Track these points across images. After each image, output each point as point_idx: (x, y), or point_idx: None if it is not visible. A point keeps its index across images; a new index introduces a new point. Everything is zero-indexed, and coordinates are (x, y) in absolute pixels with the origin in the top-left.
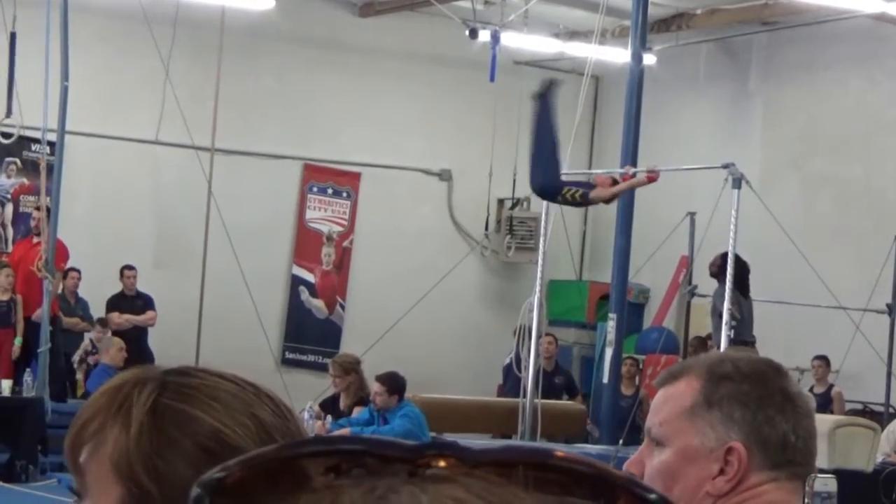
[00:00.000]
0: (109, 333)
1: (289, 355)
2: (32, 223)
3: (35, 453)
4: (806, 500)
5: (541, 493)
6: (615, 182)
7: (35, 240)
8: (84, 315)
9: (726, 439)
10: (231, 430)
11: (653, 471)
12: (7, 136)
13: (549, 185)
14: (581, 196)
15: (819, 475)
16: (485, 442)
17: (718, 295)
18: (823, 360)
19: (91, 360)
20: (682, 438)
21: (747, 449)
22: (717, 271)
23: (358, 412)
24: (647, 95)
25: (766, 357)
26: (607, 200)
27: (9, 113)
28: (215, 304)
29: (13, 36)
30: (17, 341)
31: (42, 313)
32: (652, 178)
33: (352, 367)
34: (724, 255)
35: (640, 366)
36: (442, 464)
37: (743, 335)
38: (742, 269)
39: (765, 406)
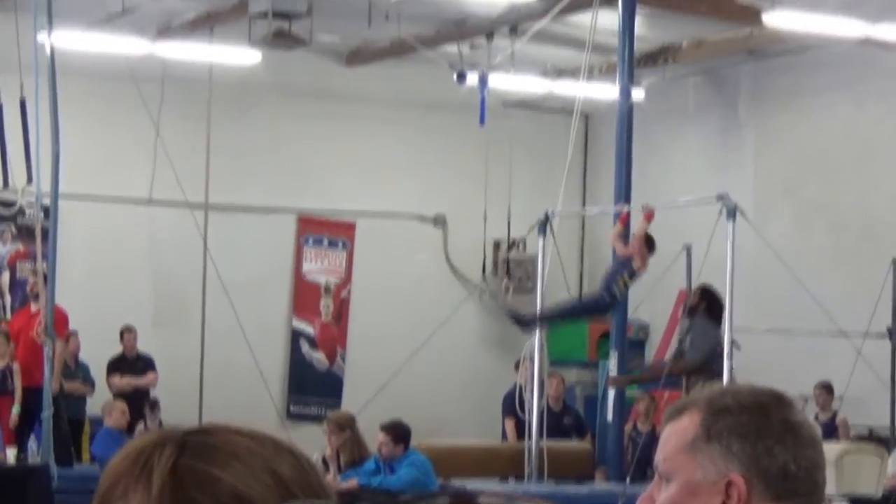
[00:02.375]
0: (155, 416)
1: (293, 409)
2: (28, 288)
3: None
4: None
5: None
6: (624, 239)
7: (33, 307)
8: (85, 378)
9: (726, 472)
10: (251, 488)
11: None
12: (8, 204)
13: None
14: (629, 276)
15: (836, 500)
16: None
17: (690, 330)
18: (825, 388)
19: None
20: (685, 473)
21: (747, 481)
22: (697, 303)
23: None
24: (638, 130)
25: (770, 388)
26: (643, 262)
27: (6, 184)
28: (216, 360)
29: (23, 104)
30: (16, 409)
31: (45, 379)
32: (648, 217)
33: (347, 424)
34: (703, 289)
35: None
36: None
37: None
38: (719, 301)
39: (764, 437)
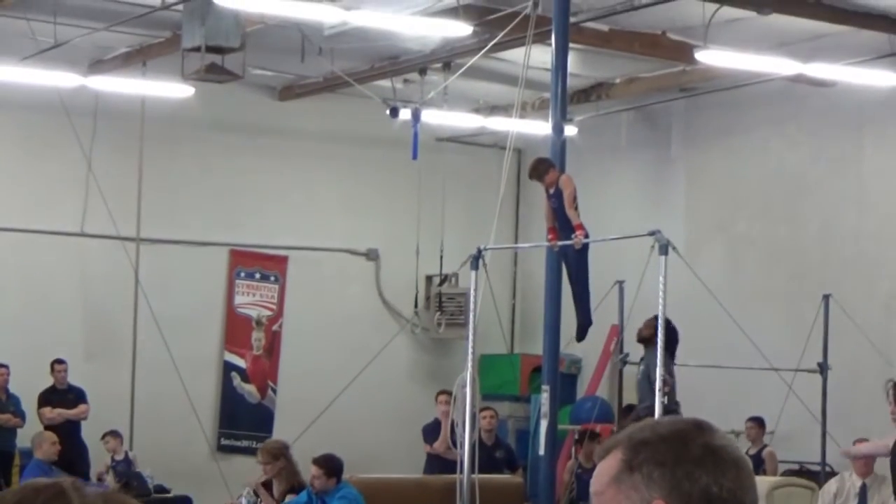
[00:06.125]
0: (118, 443)
1: (224, 441)
2: None
3: None
4: None
5: None
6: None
7: None
8: (16, 410)
9: (649, 499)
10: None
11: None
12: None
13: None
14: None
15: None
16: None
17: (651, 361)
18: (756, 422)
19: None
20: None
21: None
22: (651, 335)
23: (291, 499)
24: (571, 166)
25: (691, 417)
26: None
27: None
28: (148, 393)
29: None
30: None
31: None
32: (580, 233)
33: (280, 453)
34: (656, 320)
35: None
36: None
37: (671, 403)
38: (674, 334)
39: (683, 462)
